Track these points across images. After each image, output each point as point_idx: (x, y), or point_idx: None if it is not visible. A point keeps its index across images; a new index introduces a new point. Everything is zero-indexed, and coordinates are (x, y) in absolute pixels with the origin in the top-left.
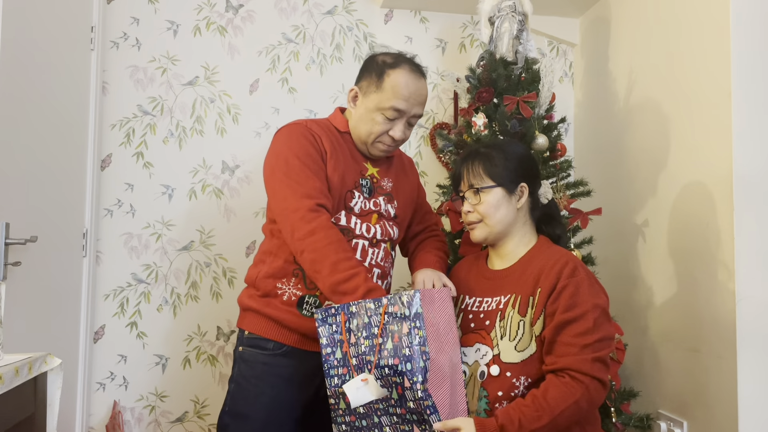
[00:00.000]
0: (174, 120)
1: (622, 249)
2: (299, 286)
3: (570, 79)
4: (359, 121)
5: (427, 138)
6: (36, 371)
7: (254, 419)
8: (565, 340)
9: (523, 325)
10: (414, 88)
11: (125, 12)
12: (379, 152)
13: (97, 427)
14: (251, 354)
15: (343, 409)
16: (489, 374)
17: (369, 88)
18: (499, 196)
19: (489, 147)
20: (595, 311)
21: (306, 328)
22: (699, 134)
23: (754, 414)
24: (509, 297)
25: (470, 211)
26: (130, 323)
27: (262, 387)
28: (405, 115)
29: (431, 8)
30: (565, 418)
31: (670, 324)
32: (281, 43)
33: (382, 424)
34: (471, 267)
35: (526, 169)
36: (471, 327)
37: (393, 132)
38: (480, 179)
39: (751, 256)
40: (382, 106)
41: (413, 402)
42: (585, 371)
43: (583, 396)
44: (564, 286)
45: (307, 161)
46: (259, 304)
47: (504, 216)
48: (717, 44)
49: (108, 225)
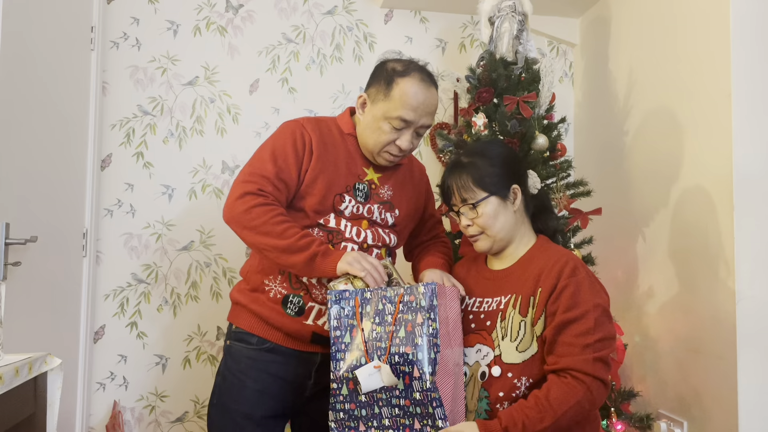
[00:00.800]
0: (174, 120)
1: (622, 249)
2: (284, 284)
3: (570, 79)
4: (366, 129)
5: (427, 138)
6: (36, 371)
7: (236, 411)
8: (566, 340)
9: (524, 326)
10: (423, 97)
11: (125, 12)
12: (385, 161)
13: (97, 427)
14: (237, 348)
15: (345, 396)
16: (490, 375)
17: (377, 95)
18: (494, 204)
19: (471, 155)
20: (596, 311)
21: (289, 328)
22: (699, 134)
23: (754, 414)
24: (509, 297)
25: (470, 225)
26: (130, 323)
27: (246, 381)
28: (412, 126)
29: (431, 8)
30: (568, 418)
31: (670, 324)
32: (281, 43)
33: (382, 415)
34: (470, 267)
35: (513, 169)
36: (472, 327)
37: (400, 142)
38: (472, 192)
39: (751, 256)
40: (389, 116)
41: (420, 393)
42: (587, 371)
43: (585, 396)
44: (564, 286)
45: (277, 154)
46: (247, 299)
47: (504, 223)
48: (717, 44)
49: (108, 225)
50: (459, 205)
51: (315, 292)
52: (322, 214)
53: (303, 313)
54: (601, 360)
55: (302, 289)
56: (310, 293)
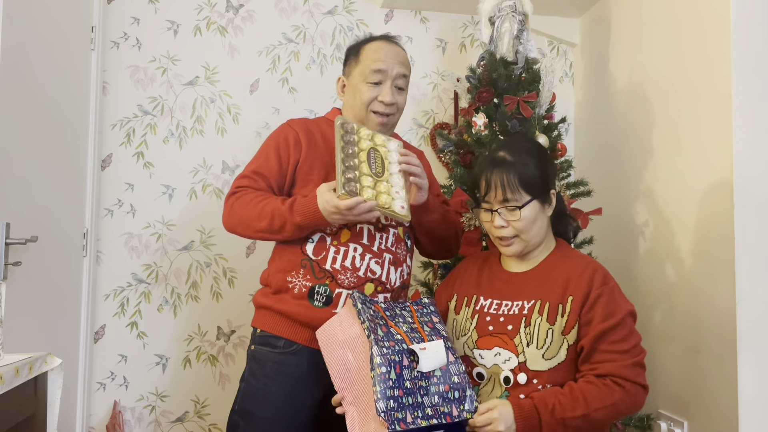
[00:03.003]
0: (174, 120)
1: (622, 249)
2: (308, 276)
3: (570, 79)
4: (350, 101)
5: (427, 138)
6: (36, 371)
7: (262, 418)
8: (605, 348)
9: (551, 333)
10: (389, 48)
11: (125, 12)
12: (376, 124)
13: (97, 427)
14: (262, 352)
15: (393, 380)
16: (516, 381)
17: (350, 68)
18: (536, 209)
19: (515, 152)
20: (630, 318)
21: (318, 321)
22: (699, 134)
23: (754, 414)
24: (533, 303)
25: (504, 227)
26: (131, 323)
27: (271, 386)
28: (388, 77)
29: (431, 8)
30: (601, 416)
31: (670, 324)
32: (281, 43)
33: (424, 404)
34: (482, 266)
35: (553, 172)
36: (489, 330)
37: (382, 96)
38: (518, 194)
39: (751, 256)
40: (364, 74)
41: (458, 376)
42: (627, 377)
43: (622, 399)
44: (599, 295)
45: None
46: (271, 300)
47: (539, 228)
48: (717, 44)
49: (108, 225)
50: (497, 204)
51: (341, 278)
52: None
53: (331, 302)
54: (639, 365)
55: (327, 277)
56: (336, 280)
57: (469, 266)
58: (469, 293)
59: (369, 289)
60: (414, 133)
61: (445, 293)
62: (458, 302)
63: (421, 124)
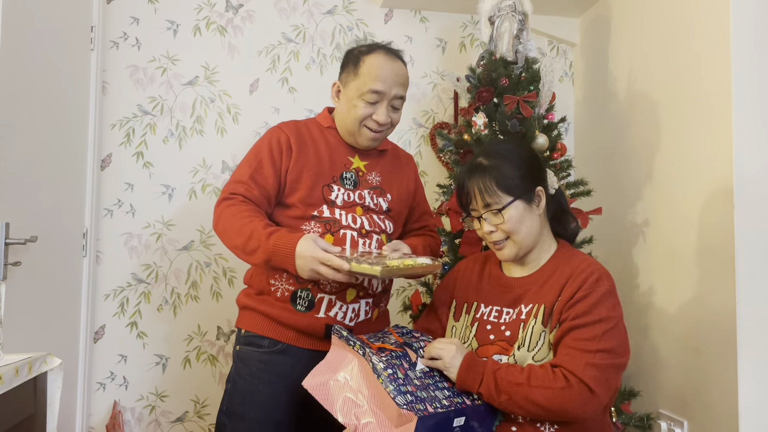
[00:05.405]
0: (174, 120)
1: (622, 249)
2: (291, 280)
3: (570, 79)
4: (343, 112)
5: (427, 138)
6: (36, 371)
7: (250, 418)
8: (567, 343)
9: (544, 336)
10: (390, 68)
11: (125, 12)
12: (367, 141)
13: (97, 427)
14: (248, 352)
15: (402, 379)
16: None
17: (348, 78)
18: (521, 209)
19: (491, 156)
20: (607, 323)
21: (301, 325)
22: (699, 134)
23: (754, 414)
24: (531, 307)
25: (493, 231)
26: (130, 323)
27: (258, 385)
28: (385, 97)
29: (431, 8)
30: (538, 396)
31: (670, 324)
32: (281, 42)
33: (437, 397)
34: (482, 271)
35: (537, 170)
36: (490, 339)
37: (376, 116)
38: (497, 197)
39: (751, 256)
40: (362, 91)
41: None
42: (575, 372)
43: (563, 390)
44: (584, 296)
45: (252, 156)
46: (254, 301)
47: (530, 227)
48: (717, 44)
49: (108, 225)
50: (481, 210)
51: (323, 283)
52: (314, 206)
53: (313, 306)
54: (595, 367)
55: (310, 281)
56: (318, 285)
57: (468, 268)
58: (469, 300)
59: (351, 294)
60: (414, 133)
61: (444, 294)
62: (457, 309)
63: (420, 123)
